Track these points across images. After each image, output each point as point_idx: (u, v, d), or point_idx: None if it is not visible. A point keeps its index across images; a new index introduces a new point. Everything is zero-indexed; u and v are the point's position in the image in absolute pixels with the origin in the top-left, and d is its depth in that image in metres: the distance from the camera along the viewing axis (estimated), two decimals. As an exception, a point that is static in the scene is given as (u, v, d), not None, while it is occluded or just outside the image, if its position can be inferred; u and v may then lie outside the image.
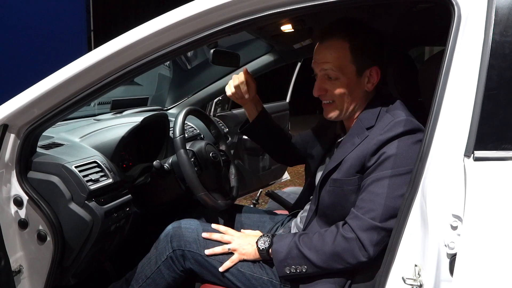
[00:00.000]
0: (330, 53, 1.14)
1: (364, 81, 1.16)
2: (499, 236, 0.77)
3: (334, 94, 1.16)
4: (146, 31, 1.04)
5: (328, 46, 1.15)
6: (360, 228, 1.03)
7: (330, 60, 1.14)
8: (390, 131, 1.07)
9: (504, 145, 0.79)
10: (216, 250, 1.22)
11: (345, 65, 1.14)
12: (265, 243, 1.17)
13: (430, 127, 0.86)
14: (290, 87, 3.26)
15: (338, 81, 1.14)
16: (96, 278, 1.54)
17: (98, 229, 1.21)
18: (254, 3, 0.99)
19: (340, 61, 1.13)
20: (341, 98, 1.16)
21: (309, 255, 1.09)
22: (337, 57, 1.14)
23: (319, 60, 1.17)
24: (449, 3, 0.88)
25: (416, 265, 0.83)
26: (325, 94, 1.17)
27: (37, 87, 1.09)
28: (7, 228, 1.13)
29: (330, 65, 1.14)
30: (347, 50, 1.13)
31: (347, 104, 1.17)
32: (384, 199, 1.02)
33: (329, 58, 1.14)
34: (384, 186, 1.03)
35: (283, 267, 1.12)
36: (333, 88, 1.15)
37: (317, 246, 1.09)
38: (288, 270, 1.11)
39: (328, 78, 1.16)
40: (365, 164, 1.08)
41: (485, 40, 0.83)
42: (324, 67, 1.15)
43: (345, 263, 1.06)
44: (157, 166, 1.48)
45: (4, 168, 1.13)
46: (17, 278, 1.16)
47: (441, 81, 0.86)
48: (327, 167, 1.18)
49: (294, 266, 1.11)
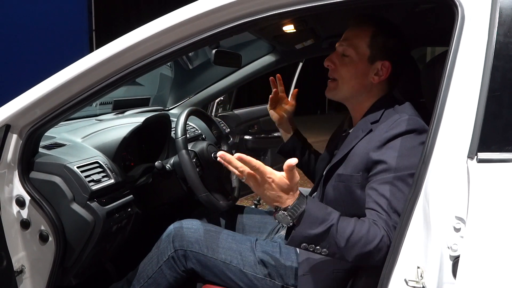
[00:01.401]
0: (354, 32, 1.19)
1: (373, 71, 1.17)
2: (503, 239, 0.76)
3: (339, 72, 1.19)
4: (148, 32, 1.04)
5: (353, 29, 1.21)
6: (390, 229, 0.97)
7: (350, 37, 1.19)
8: (395, 129, 1.06)
9: (507, 147, 0.79)
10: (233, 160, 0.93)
11: (361, 46, 1.17)
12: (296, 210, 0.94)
13: (433, 128, 0.85)
14: (292, 88, 3.27)
15: (348, 59, 1.18)
16: (97, 278, 1.54)
17: (99, 229, 1.21)
18: (256, 4, 0.99)
19: (357, 41, 1.17)
20: (344, 78, 1.18)
21: (341, 246, 0.95)
22: (357, 36, 1.18)
23: (343, 38, 1.21)
24: (452, 4, 0.88)
25: (418, 267, 0.83)
26: (332, 69, 1.20)
27: (39, 87, 1.09)
28: (9, 228, 1.13)
29: (349, 41, 1.18)
30: (368, 34, 1.17)
31: (347, 86, 1.19)
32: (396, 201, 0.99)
33: (351, 35, 1.19)
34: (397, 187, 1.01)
35: (300, 242, 0.96)
36: (342, 64, 1.19)
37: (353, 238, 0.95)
38: (305, 247, 0.96)
39: (342, 54, 1.19)
40: (369, 162, 1.07)
41: (489, 41, 0.82)
42: (343, 43, 1.20)
43: (368, 262, 0.97)
44: (159, 166, 1.48)
45: (6, 169, 1.13)
46: (19, 278, 1.17)
47: (444, 82, 0.86)
48: (332, 161, 1.18)
49: (314, 246, 0.96)
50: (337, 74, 1.19)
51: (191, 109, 1.53)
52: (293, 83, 3.27)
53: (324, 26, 1.80)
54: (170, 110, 2.41)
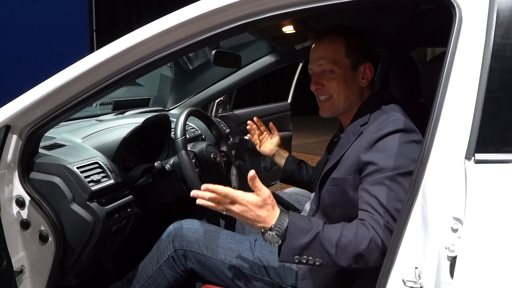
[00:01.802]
0: (326, 49, 1.19)
1: (359, 76, 1.19)
2: (500, 239, 0.77)
3: (331, 88, 1.18)
4: (148, 33, 1.04)
5: (323, 44, 1.20)
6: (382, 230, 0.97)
7: (325, 55, 1.18)
8: (383, 129, 1.07)
9: (505, 148, 0.79)
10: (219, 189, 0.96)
11: (340, 58, 1.17)
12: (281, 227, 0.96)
13: (431, 129, 0.85)
14: (292, 88, 3.27)
15: (334, 74, 1.17)
16: (97, 278, 1.54)
17: (99, 229, 1.21)
18: (256, 5, 0.99)
19: (334, 55, 1.17)
20: (338, 91, 1.18)
21: (331, 252, 0.95)
22: (332, 50, 1.18)
23: (315, 58, 1.21)
24: (450, 5, 0.88)
25: (416, 267, 0.83)
26: (322, 89, 1.19)
27: (39, 88, 1.09)
28: (9, 229, 1.14)
29: (325, 60, 1.18)
30: (341, 44, 1.18)
31: (344, 98, 1.19)
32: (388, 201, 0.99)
33: (324, 53, 1.18)
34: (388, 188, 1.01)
35: (292, 255, 0.96)
36: (330, 81, 1.18)
37: (341, 243, 0.96)
38: (298, 259, 0.96)
39: (325, 72, 1.18)
40: (359, 163, 1.08)
41: (486, 42, 0.83)
42: (320, 63, 1.19)
43: (364, 264, 0.97)
44: (158, 167, 1.49)
45: (6, 169, 1.13)
46: (19, 278, 1.17)
47: (442, 83, 0.86)
48: (326, 166, 1.19)
49: (307, 257, 0.96)
50: (329, 90, 1.19)
51: (191, 110, 1.53)
52: (293, 83, 3.27)
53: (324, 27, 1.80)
54: (170, 110, 2.42)
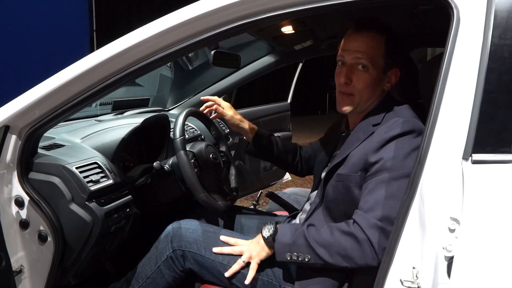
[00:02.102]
0: (367, 43, 1.14)
1: (385, 80, 1.18)
2: (496, 239, 0.77)
3: (357, 87, 1.15)
4: (147, 33, 1.04)
5: (364, 36, 1.15)
6: (370, 228, 1.01)
7: (365, 49, 1.14)
8: (394, 130, 1.07)
9: (502, 148, 0.79)
10: (224, 250, 1.22)
11: (377, 58, 1.14)
12: (269, 231, 1.14)
13: (428, 129, 0.86)
14: (292, 88, 3.27)
15: (366, 73, 1.14)
16: (96, 278, 1.54)
17: (98, 229, 1.21)
18: (255, 5, 0.99)
19: (374, 52, 1.14)
20: (362, 92, 1.16)
21: (315, 247, 1.06)
22: (373, 46, 1.14)
23: (354, 47, 1.15)
24: (448, 6, 0.88)
25: (414, 267, 0.83)
26: (349, 85, 1.16)
27: (38, 88, 1.10)
28: (8, 229, 1.14)
29: (364, 54, 1.13)
30: (382, 43, 1.15)
31: (365, 99, 1.17)
32: (391, 200, 1.01)
33: (365, 47, 1.14)
34: (389, 188, 1.03)
35: (284, 252, 1.09)
36: (359, 79, 1.15)
37: (325, 239, 1.06)
38: (289, 256, 1.09)
39: (359, 68, 1.14)
40: (367, 162, 1.08)
41: (484, 43, 0.83)
42: (357, 55, 1.14)
43: (352, 262, 1.04)
44: (157, 167, 1.49)
45: (6, 169, 1.13)
46: (18, 278, 1.17)
47: (440, 83, 0.86)
48: (333, 162, 1.19)
49: (297, 254, 1.08)
50: (354, 89, 1.16)
51: (190, 110, 1.53)
52: (293, 83, 3.27)
53: (323, 27, 1.80)
54: (169, 110, 2.42)
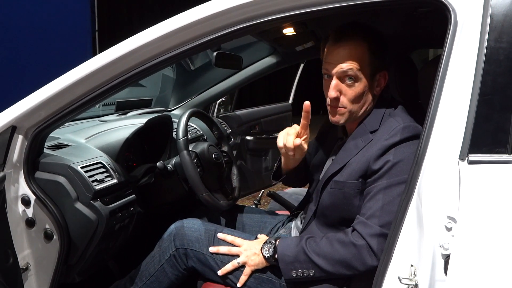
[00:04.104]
0: (350, 53, 1.10)
1: (374, 84, 1.16)
2: (492, 238, 0.79)
3: (348, 99, 1.12)
4: (150, 35, 1.06)
5: (346, 46, 1.10)
6: (370, 235, 1.03)
7: (349, 60, 1.09)
8: (395, 136, 1.07)
9: (497, 149, 0.81)
10: (221, 250, 1.24)
11: (364, 66, 1.11)
12: (269, 250, 1.16)
13: (426, 130, 0.87)
14: (293, 88, 3.28)
15: (355, 83, 1.11)
16: (100, 276, 1.56)
17: (103, 228, 1.23)
18: (257, 8, 1.01)
19: (360, 61, 1.10)
20: (354, 103, 1.13)
21: (317, 260, 1.09)
22: (358, 56, 1.10)
23: (337, 61, 1.10)
24: (445, 9, 0.90)
25: (412, 265, 0.85)
26: (338, 99, 1.13)
27: (44, 90, 1.12)
28: (15, 227, 1.16)
29: (350, 65, 1.09)
30: (366, 51, 1.11)
31: (358, 109, 1.15)
32: (393, 206, 1.02)
33: (350, 58, 1.10)
34: (392, 194, 1.04)
35: (289, 270, 1.12)
36: (348, 92, 1.12)
37: (325, 252, 1.09)
38: (295, 273, 1.11)
39: (346, 79, 1.11)
40: (369, 169, 1.09)
41: (480, 46, 0.85)
42: (343, 69, 1.10)
43: (354, 270, 1.06)
44: (160, 167, 1.50)
45: (12, 169, 1.16)
46: (25, 275, 1.19)
47: (437, 85, 0.88)
48: (330, 169, 1.19)
49: (301, 270, 1.11)
50: (345, 102, 1.13)
51: (192, 111, 1.55)
52: (294, 84, 3.28)
53: (324, 29, 1.82)
54: (172, 111, 2.44)
